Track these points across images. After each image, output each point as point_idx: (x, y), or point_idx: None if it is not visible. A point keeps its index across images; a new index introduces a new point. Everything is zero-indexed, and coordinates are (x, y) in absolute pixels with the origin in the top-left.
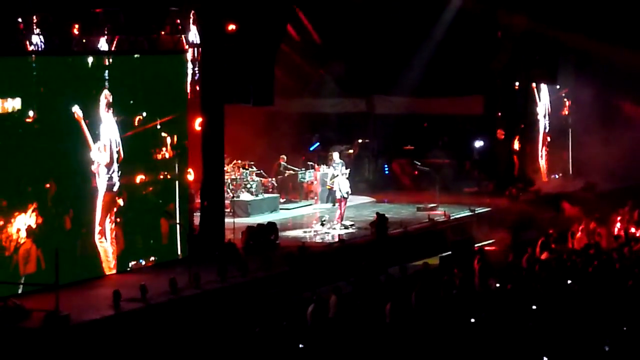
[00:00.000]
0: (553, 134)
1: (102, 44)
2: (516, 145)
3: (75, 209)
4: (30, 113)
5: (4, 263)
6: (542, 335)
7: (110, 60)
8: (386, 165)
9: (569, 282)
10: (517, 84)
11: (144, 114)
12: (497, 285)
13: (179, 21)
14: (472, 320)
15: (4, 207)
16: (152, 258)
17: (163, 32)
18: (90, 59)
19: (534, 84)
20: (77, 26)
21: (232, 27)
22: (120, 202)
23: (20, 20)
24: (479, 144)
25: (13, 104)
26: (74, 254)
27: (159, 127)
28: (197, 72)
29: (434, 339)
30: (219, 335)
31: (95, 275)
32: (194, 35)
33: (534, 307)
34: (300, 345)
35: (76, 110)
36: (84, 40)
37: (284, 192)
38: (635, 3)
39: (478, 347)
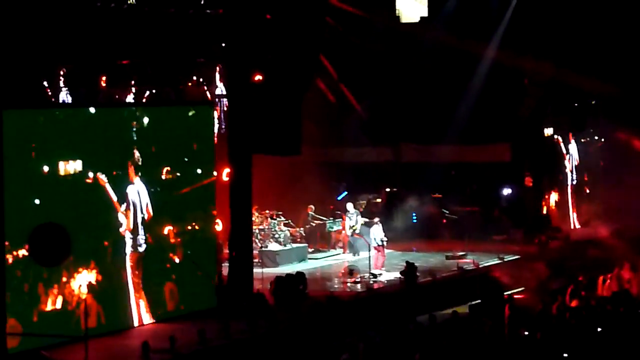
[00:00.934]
0: (587, 180)
1: (129, 96)
2: (545, 193)
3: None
4: (90, 174)
5: (66, 317)
6: None
7: (137, 112)
8: (414, 214)
9: (599, 329)
10: (544, 131)
11: (172, 166)
12: (527, 333)
13: (205, 72)
14: None
15: (69, 263)
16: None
17: (190, 84)
18: (117, 112)
19: (561, 131)
20: (104, 78)
21: (258, 77)
22: (157, 258)
23: (48, 74)
24: (507, 191)
25: (75, 166)
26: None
27: (187, 179)
28: (224, 122)
29: None
30: None
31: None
32: (220, 86)
33: (565, 355)
34: None
35: (100, 175)
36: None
37: (312, 241)
38: None
39: None
